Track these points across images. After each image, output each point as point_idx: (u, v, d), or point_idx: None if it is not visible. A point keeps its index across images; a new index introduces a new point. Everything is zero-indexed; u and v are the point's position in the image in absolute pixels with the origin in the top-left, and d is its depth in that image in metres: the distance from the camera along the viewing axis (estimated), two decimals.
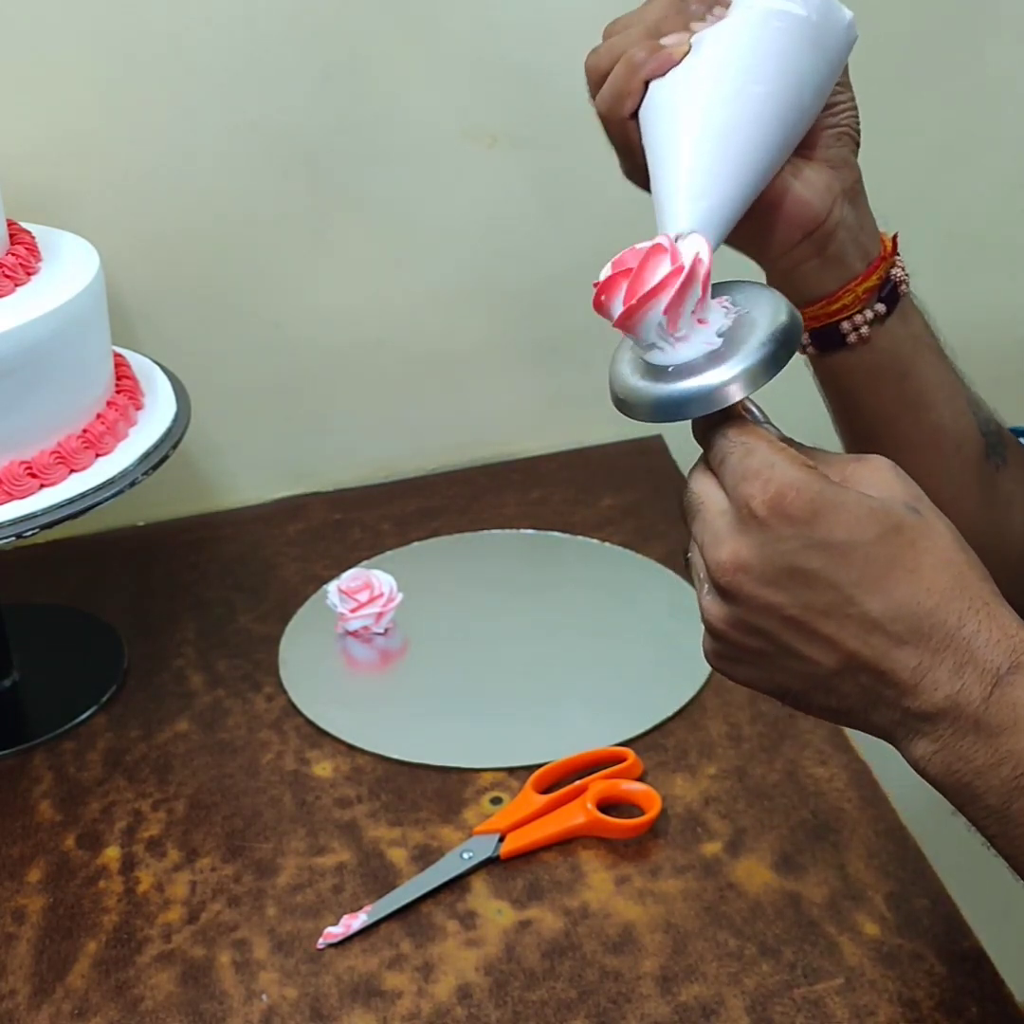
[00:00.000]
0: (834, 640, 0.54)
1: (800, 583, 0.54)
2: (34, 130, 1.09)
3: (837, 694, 0.56)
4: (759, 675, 0.57)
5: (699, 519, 0.57)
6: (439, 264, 1.23)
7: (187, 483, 1.24)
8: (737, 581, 0.55)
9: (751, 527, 0.54)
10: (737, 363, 0.56)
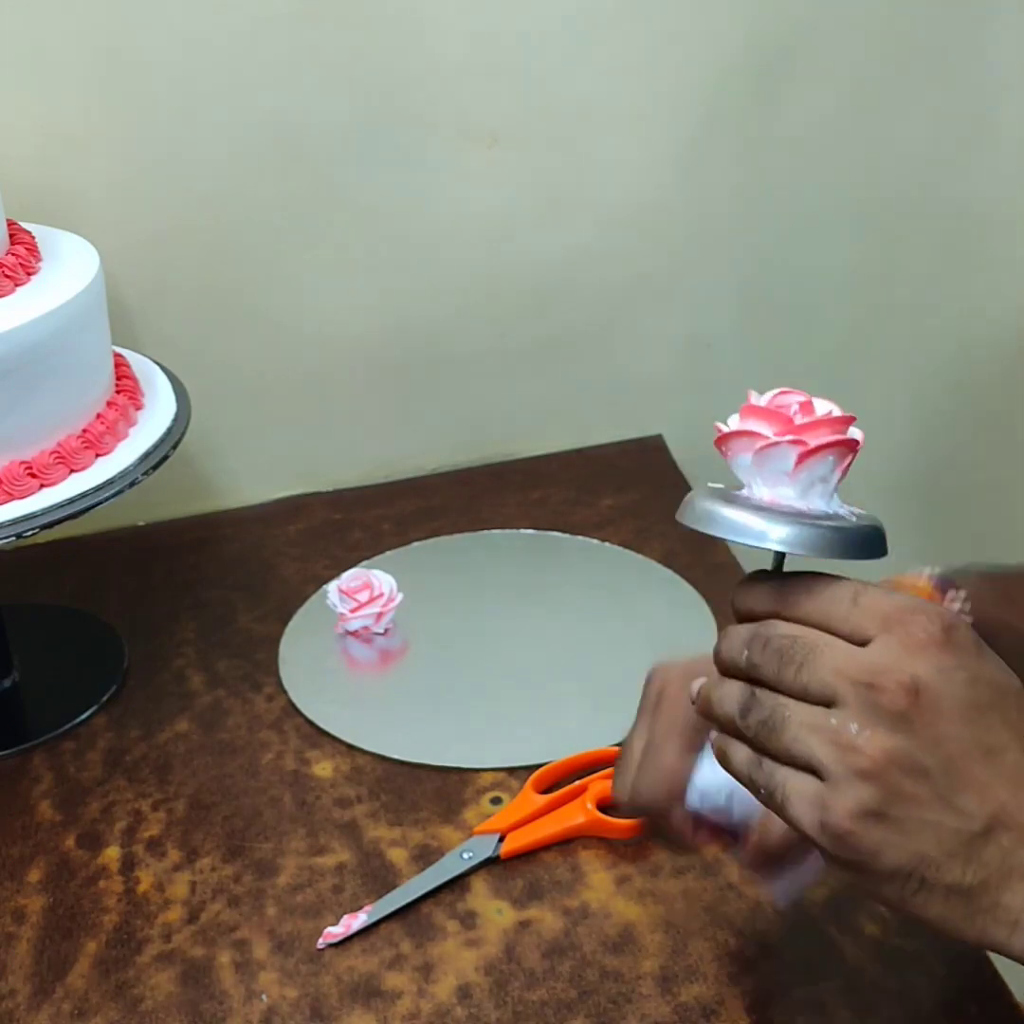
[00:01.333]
0: (989, 787, 0.51)
1: (971, 716, 0.51)
2: (34, 130, 1.10)
3: (976, 863, 0.51)
4: (897, 839, 0.51)
5: (823, 658, 0.52)
6: (439, 264, 1.23)
7: (187, 483, 1.24)
8: (917, 704, 0.51)
9: (929, 651, 0.51)
10: (824, 530, 0.54)
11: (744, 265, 1.31)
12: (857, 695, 0.51)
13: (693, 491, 0.57)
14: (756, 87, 1.22)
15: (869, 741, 0.50)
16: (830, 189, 1.28)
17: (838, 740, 0.51)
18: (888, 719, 0.51)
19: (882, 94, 1.25)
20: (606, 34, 1.18)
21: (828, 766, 0.51)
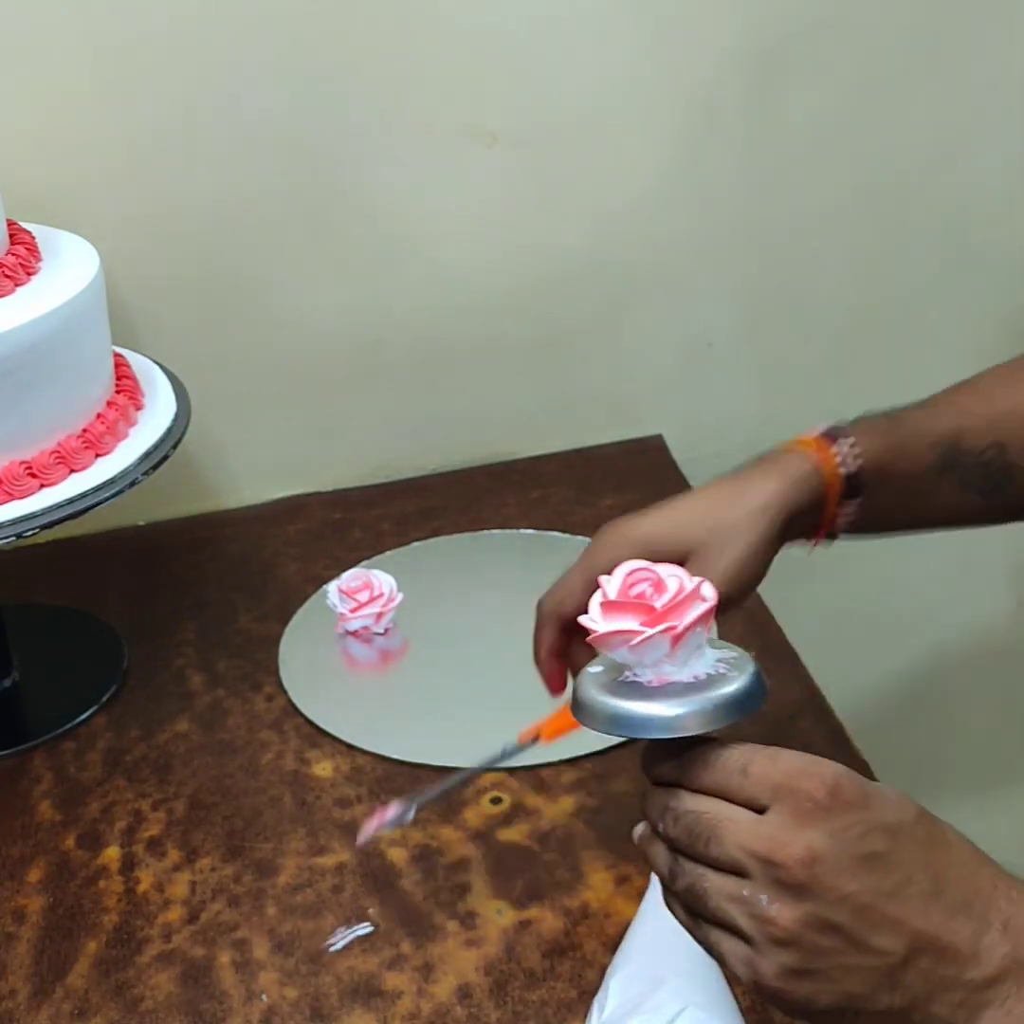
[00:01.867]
0: (900, 921, 0.55)
1: (868, 868, 0.55)
2: (34, 130, 1.10)
3: (901, 988, 0.55)
4: (826, 987, 0.56)
5: (726, 834, 0.57)
6: (438, 264, 1.23)
7: (187, 483, 1.24)
8: (815, 875, 0.55)
9: (817, 819, 0.55)
10: (709, 700, 0.59)
11: (744, 264, 1.31)
12: (761, 870, 0.55)
13: (583, 686, 0.61)
14: (756, 86, 1.22)
15: (780, 913, 0.55)
16: (830, 188, 1.28)
17: (752, 912, 0.55)
18: (792, 890, 0.55)
19: (881, 93, 1.25)
20: (606, 34, 1.18)
21: (749, 934, 0.56)
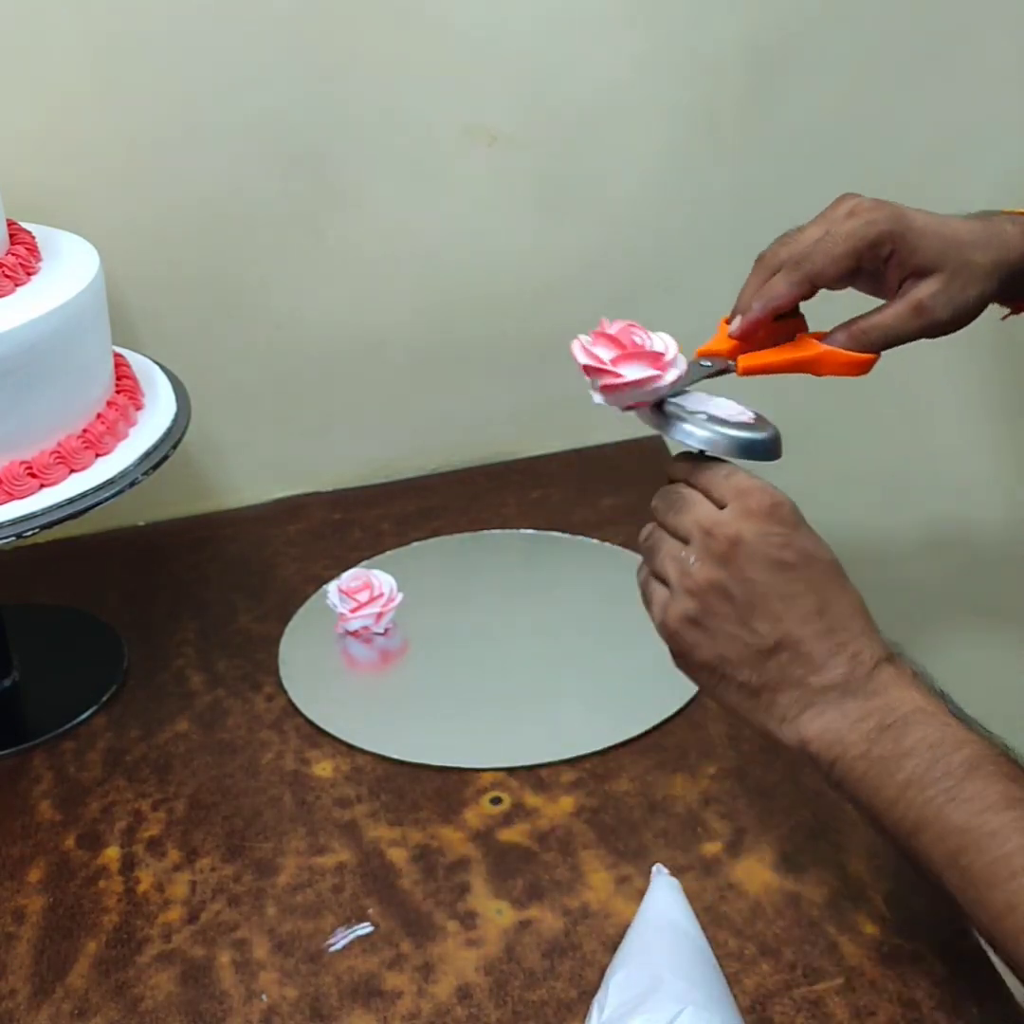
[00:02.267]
0: (779, 618, 0.70)
1: (774, 568, 0.70)
2: (34, 130, 1.10)
3: (760, 670, 0.70)
4: (707, 642, 0.71)
5: (692, 511, 0.72)
6: (439, 264, 1.23)
7: (187, 483, 1.24)
8: (734, 552, 0.70)
9: (754, 518, 0.70)
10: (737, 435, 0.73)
11: (744, 264, 1.30)
12: (700, 539, 0.71)
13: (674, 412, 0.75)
14: (755, 86, 1.22)
15: (699, 570, 0.71)
16: (829, 189, 1.28)
17: (681, 567, 0.71)
18: (714, 558, 0.70)
19: (880, 94, 1.25)
20: (606, 34, 1.18)
21: (672, 582, 0.72)
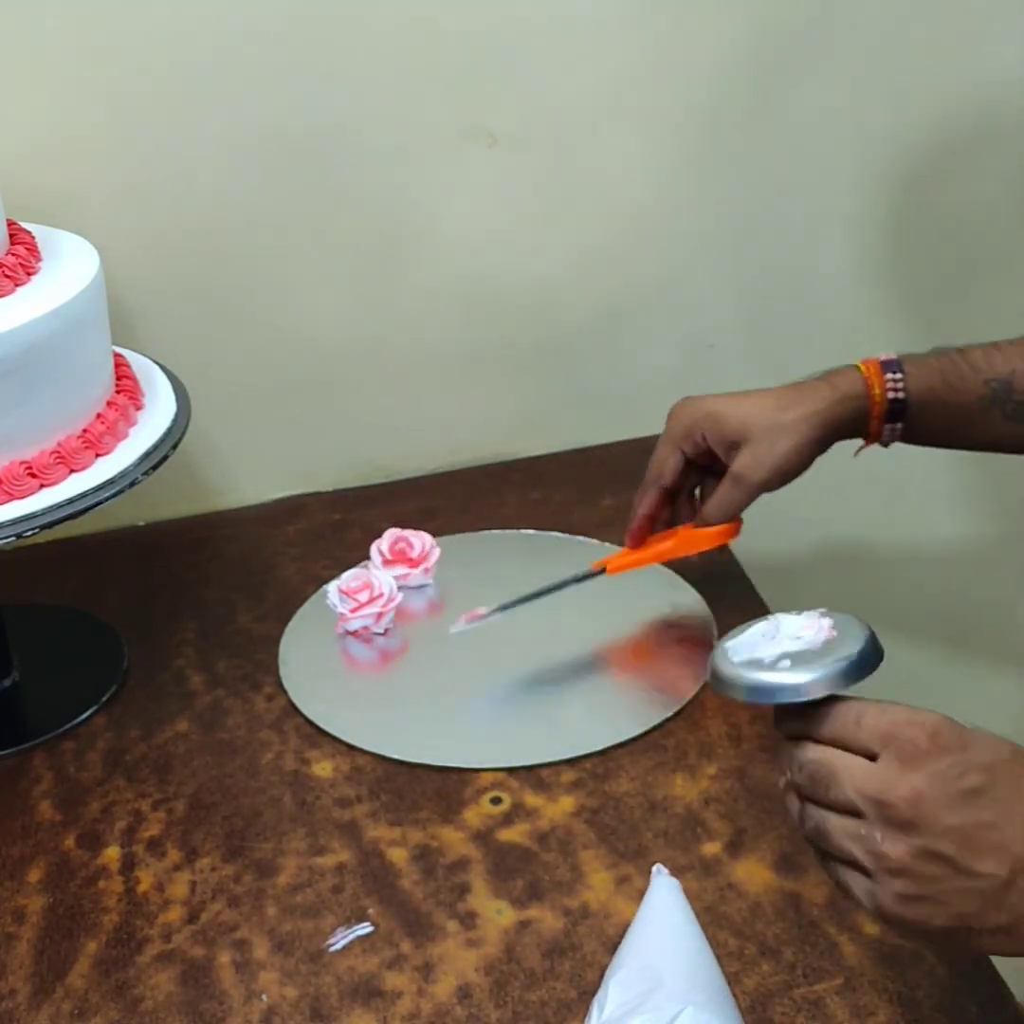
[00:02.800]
0: (1000, 848, 0.61)
1: (969, 803, 0.62)
2: (35, 131, 1.10)
3: (1007, 907, 0.61)
4: (938, 909, 0.62)
5: (843, 777, 0.63)
6: (438, 264, 1.23)
7: (187, 483, 1.24)
8: (920, 811, 0.61)
9: (920, 762, 0.62)
10: (823, 669, 0.65)
11: (745, 265, 1.31)
12: (875, 811, 0.62)
13: (721, 662, 0.67)
14: (756, 87, 1.22)
15: (891, 847, 0.62)
16: (830, 189, 1.28)
17: (869, 847, 0.62)
18: (902, 828, 0.61)
19: (881, 95, 1.25)
20: (606, 35, 1.18)
21: (868, 867, 0.63)
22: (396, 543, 1.12)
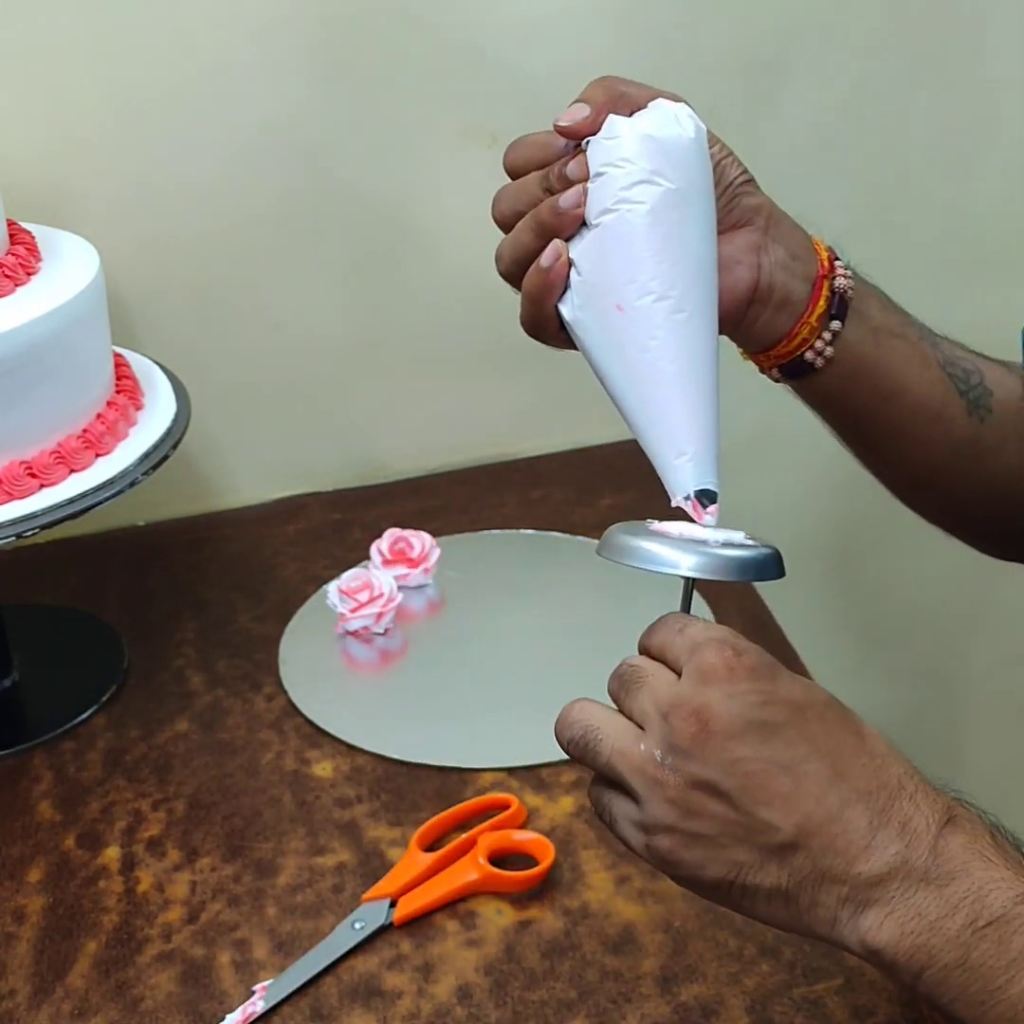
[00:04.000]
0: (791, 800, 0.55)
1: (763, 737, 0.55)
2: (35, 131, 1.10)
3: (790, 868, 0.55)
4: (713, 853, 0.56)
5: (647, 688, 0.58)
6: (438, 264, 1.23)
7: (187, 483, 1.24)
8: (705, 735, 0.55)
9: (717, 682, 0.56)
10: (711, 554, 0.61)
11: None
12: (660, 724, 0.56)
13: (611, 528, 0.64)
14: (755, 88, 1.22)
15: (670, 770, 0.55)
16: (829, 190, 1.28)
17: (644, 768, 0.56)
18: (683, 747, 0.55)
19: (881, 95, 1.25)
20: (606, 35, 1.18)
21: (637, 792, 0.56)
22: (396, 543, 1.12)
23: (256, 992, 0.79)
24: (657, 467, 0.66)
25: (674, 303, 0.63)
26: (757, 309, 0.73)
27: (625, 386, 0.66)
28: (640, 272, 0.63)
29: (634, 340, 0.64)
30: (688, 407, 0.64)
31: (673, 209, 0.63)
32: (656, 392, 0.65)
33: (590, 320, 0.66)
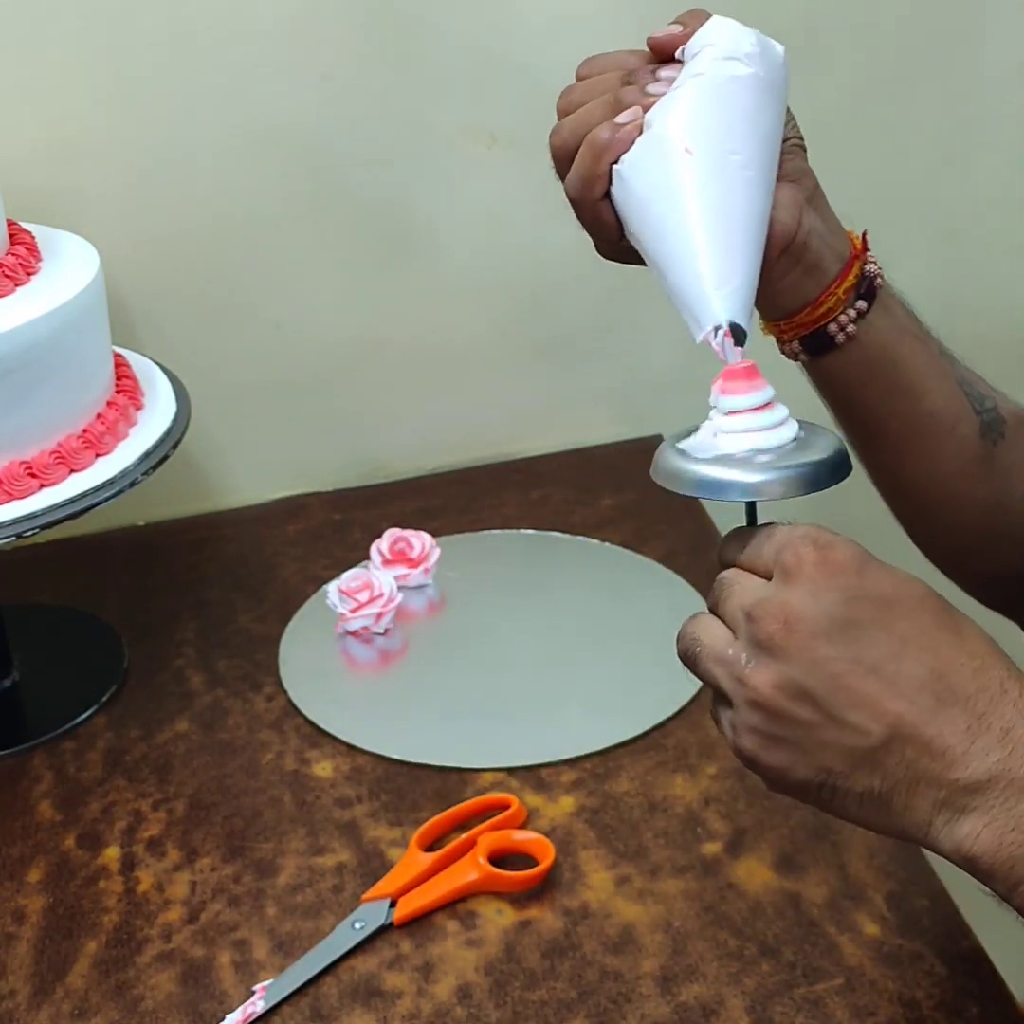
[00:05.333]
0: (881, 701, 0.53)
1: (850, 636, 0.53)
2: (34, 131, 1.10)
3: (882, 772, 0.53)
4: (800, 757, 0.54)
5: (734, 595, 0.57)
6: (438, 264, 1.23)
7: (187, 483, 1.24)
8: (787, 631, 0.53)
9: (801, 579, 0.54)
10: (783, 471, 0.58)
11: None
12: (745, 628, 0.55)
13: (662, 450, 0.63)
14: None
15: (754, 672, 0.54)
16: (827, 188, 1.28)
17: (732, 671, 0.55)
18: (767, 649, 0.54)
19: (881, 95, 1.25)
20: (607, 34, 1.17)
21: (729, 695, 0.56)
22: (396, 543, 1.12)
23: (256, 992, 0.79)
24: (687, 300, 0.64)
25: (744, 160, 0.65)
26: (787, 264, 0.73)
27: (675, 222, 0.65)
28: (719, 127, 0.65)
29: (698, 179, 0.64)
30: (743, 247, 0.64)
31: (758, 93, 0.67)
32: (713, 225, 0.64)
33: (652, 163, 0.66)
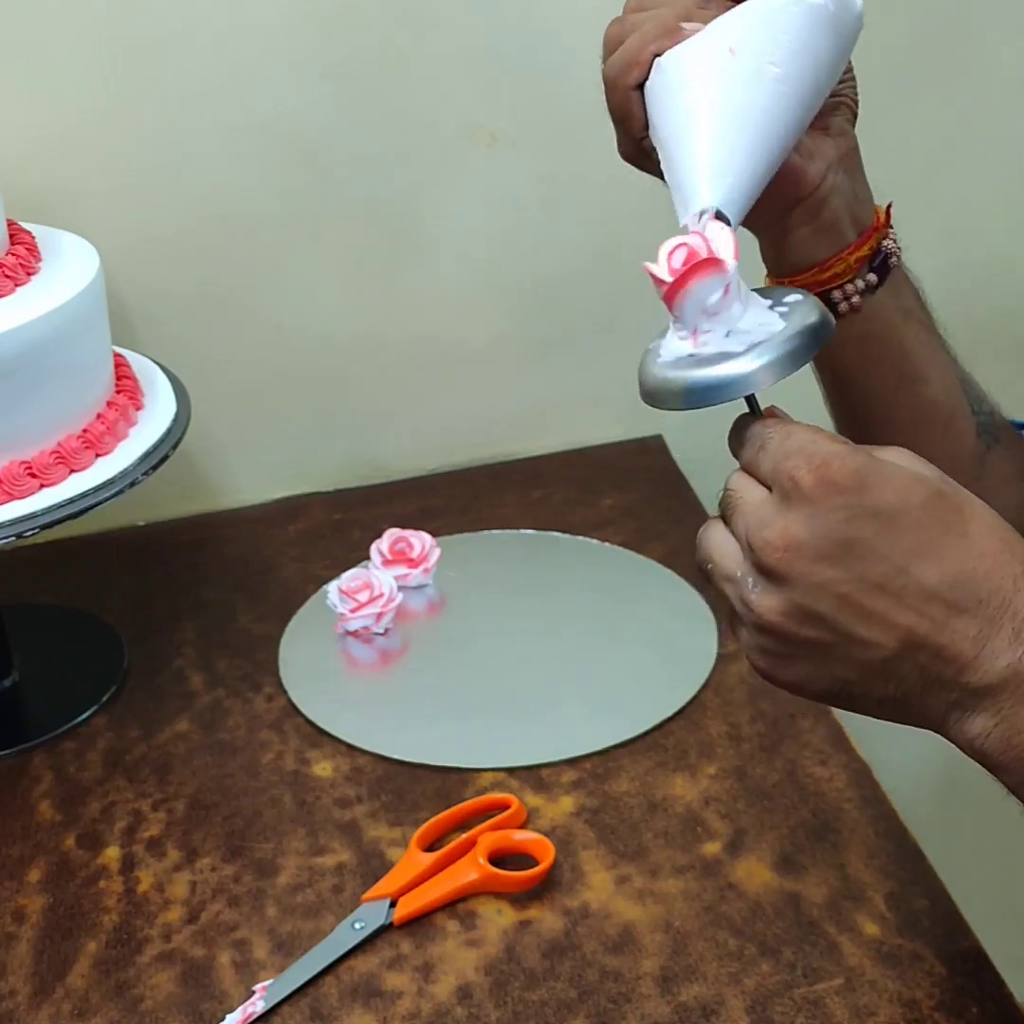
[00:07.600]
0: (891, 616, 0.52)
1: (853, 555, 0.52)
2: (34, 130, 1.10)
3: (896, 679, 0.54)
4: (815, 671, 0.55)
5: (738, 512, 0.55)
6: (439, 264, 1.23)
7: (187, 483, 1.24)
8: (789, 559, 0.52)
9: (798, 502, 0.53)
10: (765, 353, 0.56)
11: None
12: (750, 553, 0.54)
13: (651, 368, 0.60)
14: None
15: (760, 598, 0.54)
16: None
17: (741, 594, 0.55)
18: (770, 576, 0.53)
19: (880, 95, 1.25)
20: None
21: (741, 616, 0.55)
22: (396, 543, 1.12)
23: (256, 992, 0.79)
24: (683, 186, 0.64)
25: (781, 75, 0.64)
26: (802, 215, 0.71)
27: (695, 114, 0.64)
28: (767, 37, 0.64)
29: (729, 78, 0.64)
30: (750, 151, 0.63)
31: (821, 26, 0.66)
32: (728, 121, 0.63)
33: (693, 57, 0.65)
